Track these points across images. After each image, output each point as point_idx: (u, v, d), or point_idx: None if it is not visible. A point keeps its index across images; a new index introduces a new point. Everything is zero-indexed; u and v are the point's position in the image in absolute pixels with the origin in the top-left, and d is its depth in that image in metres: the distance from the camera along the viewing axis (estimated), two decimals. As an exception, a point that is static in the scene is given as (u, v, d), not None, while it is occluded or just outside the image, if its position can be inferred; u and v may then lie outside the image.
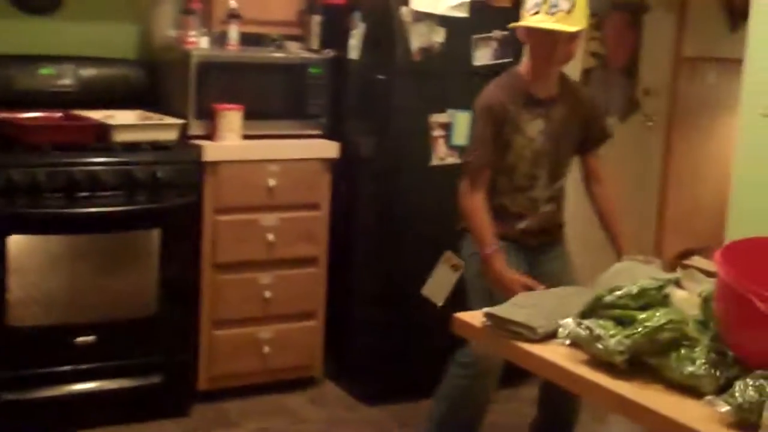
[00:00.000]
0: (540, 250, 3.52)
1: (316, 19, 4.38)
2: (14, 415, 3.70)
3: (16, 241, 3.68)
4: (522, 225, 3.46)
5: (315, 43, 4.38)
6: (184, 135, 4.06)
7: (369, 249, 4.25)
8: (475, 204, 3.37)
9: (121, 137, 3.92)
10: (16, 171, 3.66)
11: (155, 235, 3.91)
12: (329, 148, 4.22)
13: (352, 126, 4.30)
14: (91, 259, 3.85)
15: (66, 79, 4.24)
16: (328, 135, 4.29)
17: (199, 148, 4.00)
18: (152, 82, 4.37)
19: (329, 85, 4.29)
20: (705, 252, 4.97)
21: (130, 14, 4.46)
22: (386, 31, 4.08)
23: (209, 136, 4.08)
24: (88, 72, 4.29)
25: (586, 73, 4.66)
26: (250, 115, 4.11)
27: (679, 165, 5.00)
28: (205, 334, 4.07)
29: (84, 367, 3.82)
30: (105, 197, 3.80)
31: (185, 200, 3.94)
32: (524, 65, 3.46)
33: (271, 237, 4.11)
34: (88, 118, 4.01)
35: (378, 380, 4.26)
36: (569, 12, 3.25)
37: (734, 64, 4.85)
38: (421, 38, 4.07)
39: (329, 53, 4.32)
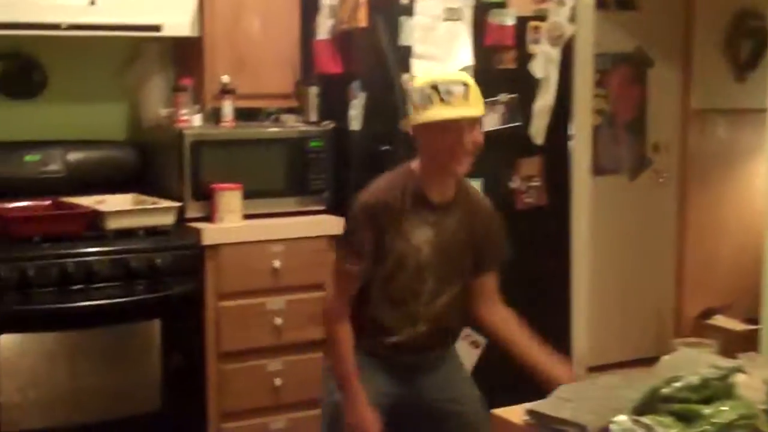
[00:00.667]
0: (416, 368, 3.05)
1: (314, 91, 4.22)
2: None
3: (7, 341, 3.48)
4: (393, 339, 2.98)
5: (313, 115, 4.22)
6: (181, 218, 3.87)
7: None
8: (338, 315, 2.94)
9: (114, 224, 3.73)
10: (4, 266, 3.48)
11: (155, 326, 3.70)
12: (334, 224, 4.01)
13: (357, 200, 4.12)
14: (88, 355, 3.64)
15: (53, 164, 4.07)
16: (332, 210, 4.10)
17: (197, 231, 3.81)
18: (144, 163, 4.20)
19: (330, 158, 4.13)
20: (727, 310, 4.82)
21: (118, 94, 4.30)
22: (388, 99, 3.91)
23: (208, 218, 3.90)
24: (76, 156, 4.12)
25: (593, 130, 4.50)
26: (249, 194, 3.94)
27: (695, 221, 4.83)
28: (214, 428, 3.85)
29: (86, 473, 3.60)
30: (100, 289, 3.61)
31: (186, 288, 3.75)
32: (419, 164, 2.96)
33: (278, 321, 3.91)
34: (78, 206, 3.82)
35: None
36: (465, 96, 2.85)
37: (742, 114, 4.75)
38: (424, 106, 3.90)
39: (329, 125, 4.15)
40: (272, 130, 4.14)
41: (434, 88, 2.84)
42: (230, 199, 3.89)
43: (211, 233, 3.82)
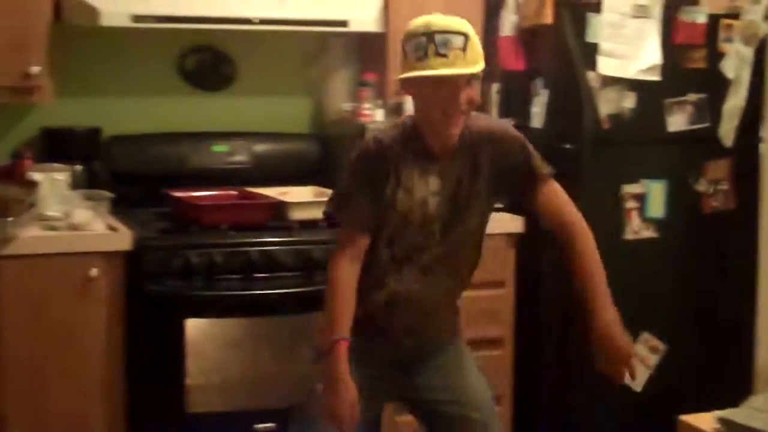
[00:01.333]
0: (414, 356, 2.76)
1: (495, 88, 4.20)
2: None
3: (193, 326, 3.59)
4: (380, 297, 2.70)
5: (494, 112, 4.20)
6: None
7: (557, 329, 4.00)
8: (339, 277, 2.66)
9: (298, 215, 3.81)
10: (193, 252, 3.59)
11: (334, 317, 3.76)
12: (513, 223, 4.00)
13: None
14: (270, 342, 3.72)
15: (239, 155, 4.20)
16: (512, 209, 4.07)
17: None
18: (326, 156, 4.28)
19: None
20: None
21: (303, 88, 4.40)
22: (572, 97, 3.86)
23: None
24: (262, 147, 4.24)
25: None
26: (429, 190, 3.94)
27: None
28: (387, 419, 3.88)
29: (264, 458, 3.69)
30: (283, 278, 3.69)
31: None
32: (416, 116, 2.71)
33: (455, 317, 3.91)
34: (264, 196, 3.92)
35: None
36: (464, 49, 2.53)
37: None
38: (609, 104, 3.84)
39: (510, 122, 4.12)
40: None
41: (430, 37, 2.54)
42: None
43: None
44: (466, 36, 2.56)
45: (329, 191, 3.96)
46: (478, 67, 2.58)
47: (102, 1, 3.66)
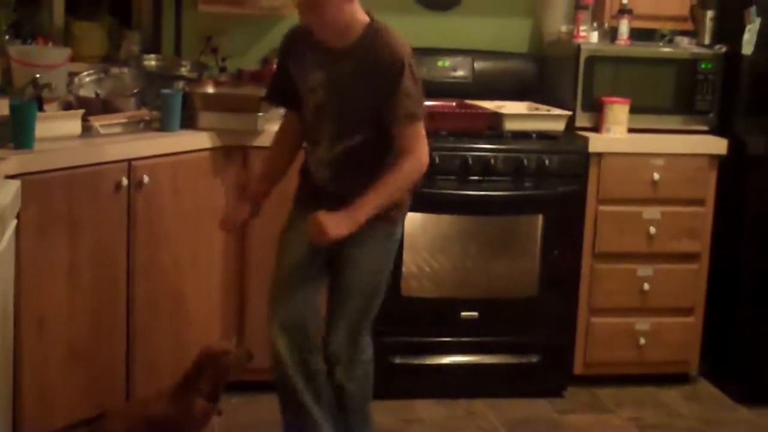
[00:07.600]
0: None
1: (709, 14, 4.34)
2: (402, 377, 4.02)
3: (411, 219, 3.95)
4: (312, 180, 3.17)
5: (706, 38, 4.34)
6: (571, 126, 4.18)
7: (754, 249, 4.15)
8: (274, 137, 3.35)
9: (511, 126, 4.12)
10: (415, 154, 3.95)
11: (538, 220, 4.07)
12: (717, 145, 4.17)
13: (743, 124, 4.20)
14: (477, 239, 4.09)
15: (461, 70, 4.52)
16: (716, 131, 4.23)
17: (585, 139, 4.11)
18: (541, 75, 4.55)
19: (720, 81, 4.23)
20: None
21: (523, 9, 4.67)
22: (785, 26, 3.96)
23: (595, 128, 4.18)
24: (482, 65, 4.54)
25: None
26: (636, 109, 4.16)
27: None
28: (583, 320, 4.18)
29: (467, 340, 4.08)
30: (494, 182, 4.01)
31: (569, 189, 4.06)
32: None
33: (652, 230, 4.13)
34: (481, 107, 4.24)
35: (759, 382, 4.16)
36: None
37: None
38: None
39: (721, 49, 4.26)
40: (665, 50, 4.31)
41: None
42: (618, 112, 4.13)
43: (597, 142, 4.10)
44: None
45: (543, 107, 4.28)
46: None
47: None
